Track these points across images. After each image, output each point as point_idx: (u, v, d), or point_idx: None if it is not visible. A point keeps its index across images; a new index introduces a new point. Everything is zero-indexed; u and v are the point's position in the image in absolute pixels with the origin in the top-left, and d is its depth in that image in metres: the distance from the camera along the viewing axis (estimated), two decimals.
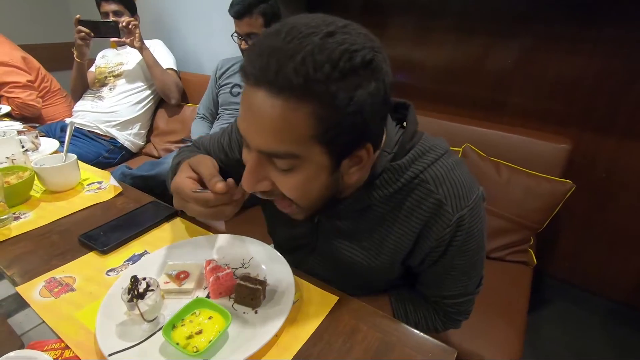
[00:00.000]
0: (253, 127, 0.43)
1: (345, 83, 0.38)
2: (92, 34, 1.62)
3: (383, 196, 0.53)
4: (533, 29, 1.28)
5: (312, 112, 0.39)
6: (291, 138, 0.41)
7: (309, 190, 0.47)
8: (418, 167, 0.52)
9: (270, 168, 0.45)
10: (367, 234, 0.57)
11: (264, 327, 0.48)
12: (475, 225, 0.53)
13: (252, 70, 0.40)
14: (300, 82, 0.37)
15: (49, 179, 0.81)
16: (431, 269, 0.58)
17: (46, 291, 0.55)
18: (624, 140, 1.26)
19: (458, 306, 0.63)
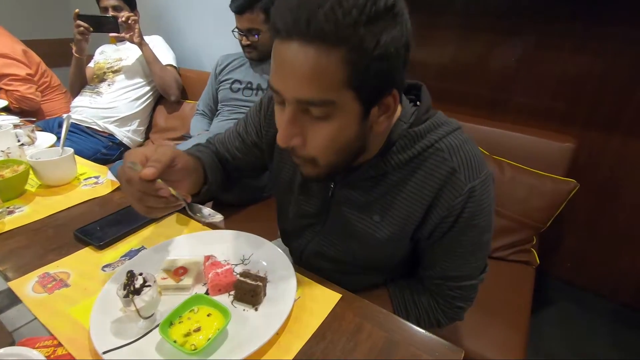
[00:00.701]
0: (289, 78, 0.43)
1: (371, 27, 0.40)
2: (91, 28, 1.60)
3: (399, 162, 0.54)
4: (537, 26, 1.27)
5: (343, 57, 0.41)
6: (326, 84, 0.42)
7: (340, 140, 0.47)
8: (434, 136, 0.53)
9: (305, 120, 0.46)
10: (379, 204, 0.57)
11: (265, 325, 0.46)
12: (485, 200, 0.53)
13: (283, 24, 0.41)
14: (332, 28, 0.39)
15: (45, 173, 0.79)
16: (439, 243, 0.57)
17: (39, 287, 0.53)
18: (628, 139, 1.24)
19: (461, 290, 0.61)
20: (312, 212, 0.65)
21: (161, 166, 0.48)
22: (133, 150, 0.51)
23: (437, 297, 0.63)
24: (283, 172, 0.68)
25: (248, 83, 1.52)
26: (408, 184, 0.55)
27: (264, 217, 1.29)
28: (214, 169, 0.69)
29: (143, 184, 0.47)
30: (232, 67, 1.57)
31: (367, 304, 0.53)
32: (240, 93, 1.53)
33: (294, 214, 0.69)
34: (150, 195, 0.48)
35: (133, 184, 0.48)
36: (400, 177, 0.55)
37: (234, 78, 1.55)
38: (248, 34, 1.40)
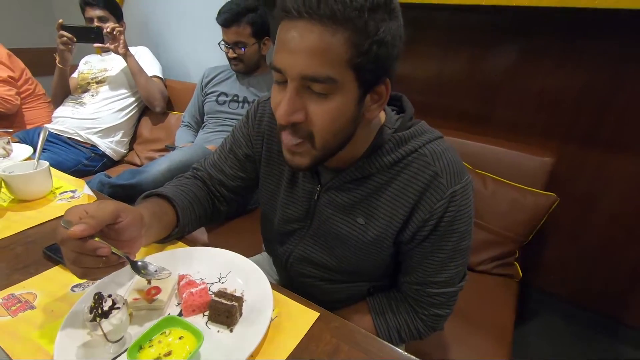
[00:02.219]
0: (296, 55, 0.45)
1: (374, 14, 0.44)
2: (75, 39, 1.58)
3: (383, 165, 0.56)
4: (518, 43, 1.30)
5: (348, 37, 0.44)
6: (331, 61, 0.45)
7: (338, 119, 0.49)
8: (417, 142, 0.56)
9: (306, 97, 0.48)
10: (364, 206, 0.59)
11: (239, 348, 0.45)
12: (465, 206, 0.55)
13: (294, 4, 0.44)
14: (340, 9, 0.42)
15: (18, 187, 0.77)
16: (419, 248, 0.58)
17: (3, 309, 0.51)
18: (606, 153, 1.28)
19: (440, 297, 0.61)
20: (298, 217, 0.66)
21: (95, 222, 0.44)
22: (74, 207, 0.47)
23: (415, 306, 0.63)
24: (269, 180, 0.69)
25: (234, 96, 1.52)
26: (392, 186, 0.57)
27: (248, 230, 1.28)
28: (194, 205, 0.67)
29: (77, 243, 0.43)
30: (218, 80, 1.58)
31: (344, 324, 0.52)
32: (226, 105, 1.53)
33: (279, 220, 0.69)
34: (85, 255, 0.44)
35: (67, 245, 0.43)
36: (385, 179, 0.57)
37: (220, 91, 1.55)
38: (234, 47, 1.41)
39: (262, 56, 1.49)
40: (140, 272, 0.50)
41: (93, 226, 0.43)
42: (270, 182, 0.69)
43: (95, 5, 1.66)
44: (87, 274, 0.46)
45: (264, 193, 0.71)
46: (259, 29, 1.39)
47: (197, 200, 0.69)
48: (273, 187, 0.69)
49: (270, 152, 0.67)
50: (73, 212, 0.46)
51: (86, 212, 0.46)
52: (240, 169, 0.71)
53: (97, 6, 1.66)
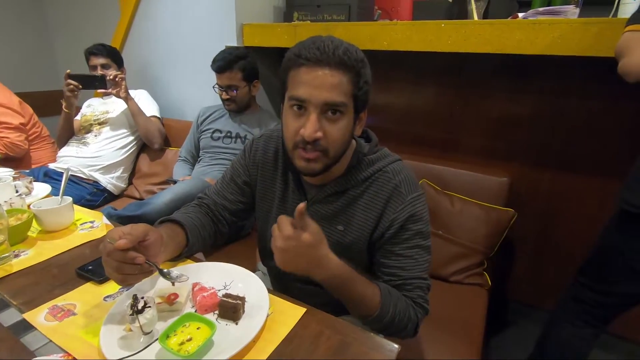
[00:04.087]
0: (320, 88, 0.64)
1: (363, 64, 0.66)
2: (80, 86, 1.74)
3: (357, 181, 0.74)
4: (476, 81, 1.52)
5: (351, 78, 0.65)
6: (343, 93, 0.65)
7: (345, 134, 0.69)
8: (382, 163, 0.75)
9: (323, 120, 0.66)
10: (342, 215, 0.76)
11: (244, 335, 0.58)
12: (423, 210, 0.73)
13: (312, 55, 0.64)
14: (347, 60, 0.63)
15: (47, 220, 0.89)
16: (388, 244, 0.73)
17: (50, 316, 0.63)
18: (558, 171, 1.46)
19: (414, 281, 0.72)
20: None
21: (133, 238, 0.58)
22: (113, 229, 0.61)
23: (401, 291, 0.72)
24: (264, 202, 0.85)
25: (227, 132, 1.68)
26: (363, 197, 0.74)
27: (243, 255, 1.40)
28: (200, 229, 0.81)
29: (120, 254, 0.57)
30: (213, 118, 1.74)
31: (327, 316, 0.65)
32: (220, 141, 1.68)
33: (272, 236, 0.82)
34: (126, 263, 0.58)
35: (112, 256, 0.57)
36: (358, 192, 0.75)
37: (215, 128, 1.71)
38: (227, 90, 1.58)
39: (252, 97, 1.67)
40: (166, 277, 0.63)
41: (132, 240, 0.58)
42: (264, 201, 0.85)
43: (99, 55, 1.84)
44: (125, 280, 0.60)
45: (260, 212, 0.86)
46: (249, 73, 1.58)
47: (203, 225, 0.83)
48: (267, 205, 0.84)
49: (264, 177, 0.84)
50: (114, 232, 0.60)
51: (123, 232, 0.60)
52: (240, 195, 0.87)
53: (101, 55, 1.84)
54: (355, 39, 1.46)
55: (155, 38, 2.09)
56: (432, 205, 1.42)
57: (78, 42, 2.12)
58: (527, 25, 1.13)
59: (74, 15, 2.48)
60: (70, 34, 2.57)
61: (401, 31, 1.35)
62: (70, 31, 2.56)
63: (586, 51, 1.08)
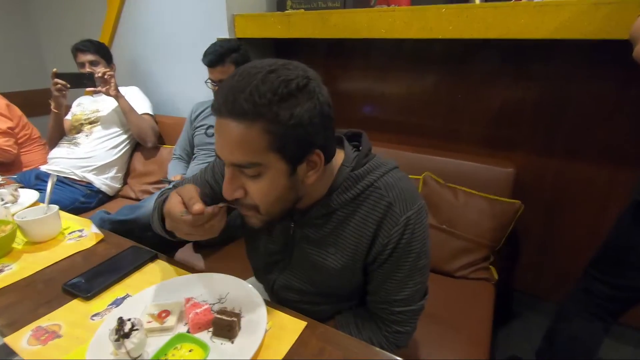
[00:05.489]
0: (224, 147, 0.55)
1: (284, 104, 0.51)
2: (69, 85, 1.68)
3: (344, 201, 0.64)
4: (478, 68, 1.46)
5: (263, 128, 0.51)
6: (251, 150, 0.53)
7: (274, 193, 0.57)
8: (372, 177, 0.64)
9: (242, 178, 0.57)
10: (332, 238, 0.66)
11: (240, 355, 0.54)
12: (419, 228, 0.63)
13: (217, 104, 0.53)
14: (250, 107, 0.50)
15: (32, 231, 0.85)
16: (381, 269, 0.65)
17: (34, 339, 0.59)
18: (563, 161, 1.41)
19: (402, 315, 0.67)
20: (277, 250, 0.74)
21: (197, 199, 0.58)
22: (170, 208, 0.60)
23: (379, 323, 0.69)
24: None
25: None
26: (354, 219, 0.64)
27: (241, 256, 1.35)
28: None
29: (198, 218, 0.57)
30: (206, 114, 1.68)
31: (328, 329, 0.61)
32: (214, 137, 1.63)
33: (262, 252, 0.77)
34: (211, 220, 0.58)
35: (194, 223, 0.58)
36: (347, 213, 0.65)
37: (209, 124, 1.66)
38: (220, 84, 1.52)
39: None
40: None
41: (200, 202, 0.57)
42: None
43: (86, 51, 1.77)
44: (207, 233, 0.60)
45: (247, 228, 0.77)
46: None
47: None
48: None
49: None
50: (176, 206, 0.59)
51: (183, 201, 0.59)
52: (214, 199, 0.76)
53: (89, 51, 1.77)
54: (351, 26, 1.39)
55: (145, 32, 2.02)
56: (435, 199, 1.38)
57: (65, 38, 2.05)
58: (533, 8, 1.07)
59: (59, 11, 2.39)
60: (57, 30, 2.49)
61: (400, 18, 1.28)
62: (57, 27, 2.48)
63: (595, 34, 1.02)
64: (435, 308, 1.10)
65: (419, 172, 1.41)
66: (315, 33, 1.46)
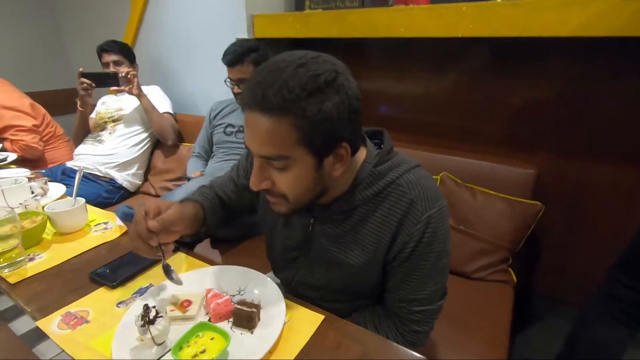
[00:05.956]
0: (253, 140, 0.56)
1: (312, 99, 0.51)
2: (94, 84, 1.74)
3: (365, 197, 0.64)
4: (495, 67, 1.43)
5: (291, 123, 0.52)
6: (279, 144, 0.54)
7: (301, 185, 0.58)
8: (394, 174, 0.64)
9: (270, 169, 0.58)
10: (352, 234, 0.66)
11: (259, 346, 0.55)
12: (441, 227, 0.62)
13: (246, 99, 0.54)
14: (279, 102, 0.51)
15: (61, 222, 0.89)
16: (401, 267, 0.65)
17: (63, 324, 0.62)
18: (586, 162, 1.37)
19: (420, 314, 0.67)
20: (296, 246, 0.74)
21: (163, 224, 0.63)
22: (153, 201, 0.65)
23: (396, 321, 0.69)
24: (269, 212, 0.77)
25: (240, 127, 1.65)
26: (375, 215, 0.64)
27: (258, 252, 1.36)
28: (214, 210, 0.80)
29: (142, 228, 0.61)
30: (225, 113, 1.71)
31: (346, 323, 0.61)
32: (233, 136, 1.66)
33: (280, 248, 0.78)
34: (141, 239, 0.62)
35: (137, 225, 0.62)
36: (368, 210, 0.64)
37: (227, 122, 1.68)
38: (239, 83, 1.54)
39: None
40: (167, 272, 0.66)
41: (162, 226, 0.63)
42: (269, 213, 0.77)
43: (110, 51, 1.83)
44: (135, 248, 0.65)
45: (266, 224, 0.81)
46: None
47: (218, 205, 0.82)
48: (272, 219, 0.78)
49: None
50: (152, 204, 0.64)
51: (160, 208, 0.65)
52: (238, 195, 0.84)
53: (113, 52, 1.84)
54: (369, 26, 1.39)
55: (166, 33, 2.07)
56: (453, 199, 1.36)
57: (90, 39, 2.12)
58: (557, 4, 1.05)
59: (84, 13, 2.48)
60: (82, 32, 2.58)
61: (418, 16, 1.28)
62: (82, 28, 2.57)
63: (623, 31, 0.99)
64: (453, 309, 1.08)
65: (436, 172, 1.40)
66: (334, 32, 1.47)
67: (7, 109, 1.84)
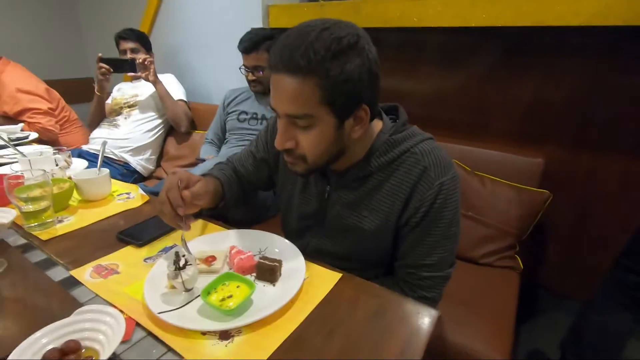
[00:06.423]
0: (279, 100, 0.59)
1: (336, 61, 0.54)
2: (112, 70, 1.79)
3: (380, 164, 0.67)
4: (508, 59, 1.46)
5: (316, 83, 0.55)
6: (304, 103, 0.57)
7: (321, 144, 0.62)
8: (409, 143, 0.67)
9: (294, 129, 0.61)
10: (367, 201, 0.70)
11: (282, 295, 0.58)
12: (452, 195, 0.65)
13: (274, 61, 0.57)
14: (305, 63, 0.54)
15: (86, 189, 0.92)
16: (411, 233, 0.68)
17: (95, 274, 0.65)
18: (596, 154, 1.39)
19: (429, 280, 0.69)
20: (311, 214, 0.78)
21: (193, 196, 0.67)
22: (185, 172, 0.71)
23: (405, 288, 0.71)
24: (287, 181, 0.82)
25: (253, 114, 1.69)
26: (389, 182, 0.67)
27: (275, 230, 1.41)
28: (232, 185, 0.84)
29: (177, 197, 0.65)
30: (239, 100, 1.75)
31: (363, 281, 0.64)
32: (246, 123, 1.69)
33: (295, 217, 0.81)
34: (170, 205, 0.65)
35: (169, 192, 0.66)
36: (383, 177, 0.68)
37: (241, 110, 1.72)
38: (254, 71, 1.58)
39: None
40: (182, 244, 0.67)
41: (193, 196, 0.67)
42: (287, 183, 0.82)
43: (128, 39, 1.88)
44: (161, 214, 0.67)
45: (283, 193, 0.84)
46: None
47: (235, 182, 0.86)
48: (290, 188, 0.82)
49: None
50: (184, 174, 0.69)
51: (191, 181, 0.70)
52: (256, 170, 0.87)
53: (130, 39, 1.88)
54: (383, 16, 1.42)
55: (182, 23, 2.12)
56: (461, 186, 1.33)
57: (107, 30, 2.17)
58: None
59: (101, 3, 2.54)
60: (98, 22, 2.64)
61: (432, 6, 1.31)
62: (98, 19, 2.63)
63: (634, 20, 1.01)
64: (461, 293, 1.11)
65: None
66: None
67: (23, 92, 1.89)
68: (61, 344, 0.46)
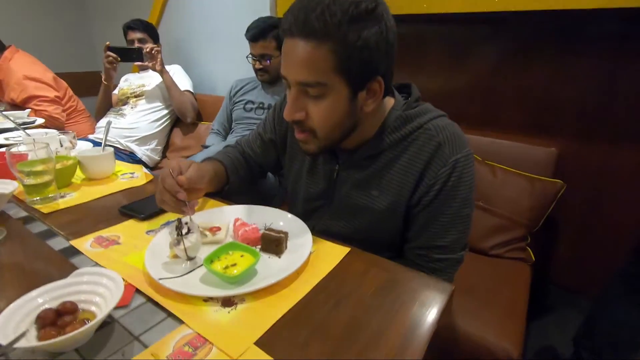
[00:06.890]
0: (291, 66, 0.56)
1: (353, 26, 0.51)
2: (119, 58, 1.79)
3: (393, 141, 0.64)
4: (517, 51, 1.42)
5: (330, 49, 0.52)
6: (317, 69, 0.54)
7: (332, 116, 0.58)
8: (423, 119, 0.64)
9: (305, 99, 0.58)
10: (377, 179, 0.67)
11: (287, 267, 0.55)
12: (466, 173, 0.62)
13: (287, 25, 0.54)
14: (321, 26, 0.51)
15: (90, 167, 0.91)
16: (423, 212, 0.65)
17: (96, 244, 0.63)
18: (611, 145, 1.34)
19: (441, 262, 0.66)
20: (319, 194, 0.75)
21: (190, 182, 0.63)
22: (176, 161, 0.66)
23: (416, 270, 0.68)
24: (295, 162, 0.80)
25: (260, 103, 1.67)
26: (401, 159, 0.64)
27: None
28: (237, 168, 0.82)
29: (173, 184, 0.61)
30: (245, 90, 1.74)
31: (371, 255, 0.62)
32: (252, 112, 1.68)
33: (303, 198, 0.79)
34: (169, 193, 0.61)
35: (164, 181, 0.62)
36: (395, 154, 0.65)
37: (247, 99, 1.71)
38: (261, 59, 1.57)
39: None
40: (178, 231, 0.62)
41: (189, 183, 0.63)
42: (295, 164, 0.79)
43: (136, 29, 1.88)
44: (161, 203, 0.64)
45: (290, 174, 0.82)
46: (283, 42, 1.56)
47: (241, 165, 0.84)
48: (298, 168, 0.79)
49: (294, 138, 0.77)
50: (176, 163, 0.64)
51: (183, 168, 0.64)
52: (264, 151, 0.85)
53: (138, 30, 1.88)
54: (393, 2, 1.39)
55: (189, 14, 2.12)
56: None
57: (115, 23, 2.18)
58: None
59: None
60: (107, 16, 2.65)
61: None
62: (107, 13, 2.64)
63: None
64: (471, 283, 1.08)
65: None
66: None
67: (30, 80, 1.90)
68: (57, 304, 0.44)
